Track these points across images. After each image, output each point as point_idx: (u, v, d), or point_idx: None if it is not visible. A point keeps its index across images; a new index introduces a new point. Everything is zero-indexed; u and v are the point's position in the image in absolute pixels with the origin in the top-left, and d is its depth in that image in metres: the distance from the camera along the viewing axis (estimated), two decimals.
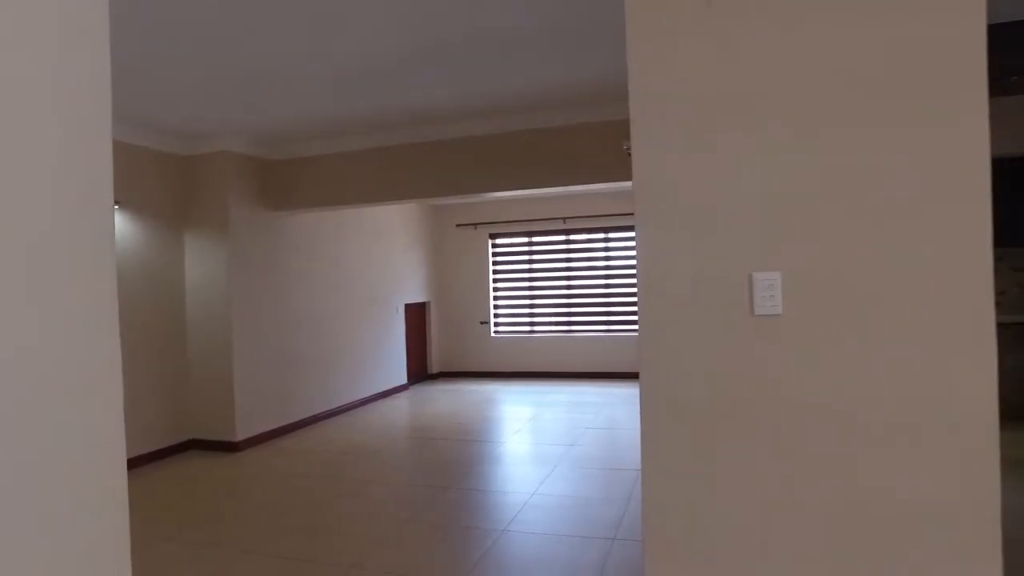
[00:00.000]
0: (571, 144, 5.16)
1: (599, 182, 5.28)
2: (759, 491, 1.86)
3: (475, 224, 9.38)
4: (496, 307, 9.50)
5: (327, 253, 6.90)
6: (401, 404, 7.54)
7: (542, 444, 5.51)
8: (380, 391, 7.78)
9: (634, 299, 8.77)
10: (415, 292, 8.92)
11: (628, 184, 5.10)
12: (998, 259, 5.84)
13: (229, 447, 5.49)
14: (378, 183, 5.75)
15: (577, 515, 3.75)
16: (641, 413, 1.96)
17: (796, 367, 1.83)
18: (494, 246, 9.46)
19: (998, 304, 5.85)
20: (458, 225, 9.49)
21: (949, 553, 1.75)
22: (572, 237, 9.04)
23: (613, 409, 6.77)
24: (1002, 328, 5.57)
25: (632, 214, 2.01)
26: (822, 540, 1.81)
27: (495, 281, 9.49)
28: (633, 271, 8.65)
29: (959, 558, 1.74)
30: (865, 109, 1.78)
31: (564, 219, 8.92)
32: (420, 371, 9.06)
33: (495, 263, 9.48)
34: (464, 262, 9.51)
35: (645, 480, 1.96)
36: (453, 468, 4.81)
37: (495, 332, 9.47)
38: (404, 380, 8.40)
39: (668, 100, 1.92)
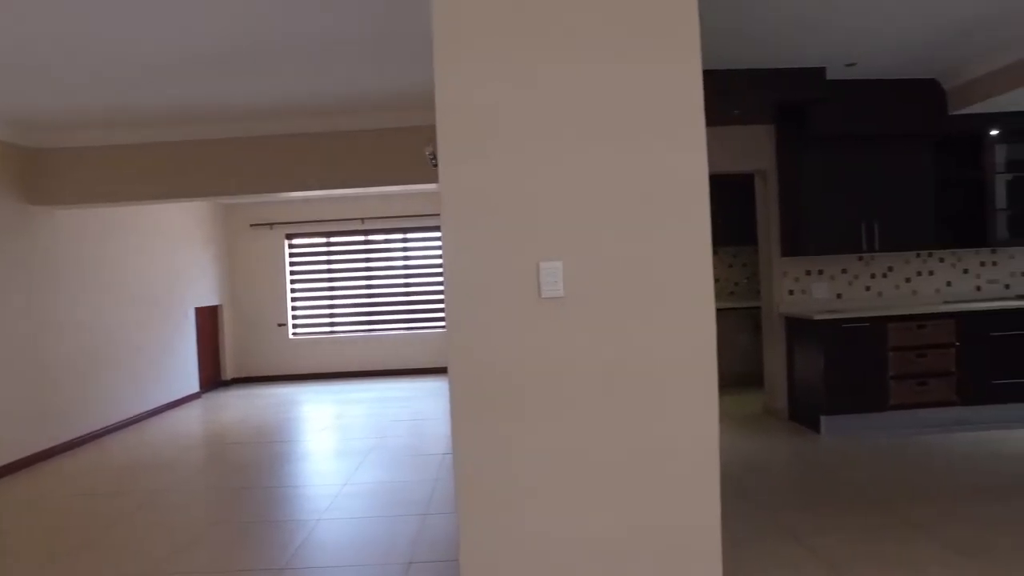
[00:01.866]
0: (372, 147, 5.34)
1: (399, 184, 5.52)
2: (551, 445, 2.25)
3: (270, 224, 9.09)
4: (294, 308, 9.29)
5: (99, 253, 6.29)
6: (194, 413, 7.13)
7: (350, 439, 5.61)
8: (169, 401, 7.26)
9: (434, 296, 9.16)
10: (206, 295, 8.42)
11: (427, 186, 5.43)
12: (733, 256, 7.01)
13: None
14: (160, 180, 5.42)
15: (390, 498, 3.97)
16: (450, 387, 2.26)
17: (574, 338, 2.25)
18: (291, 246, 9.25)
19: (732, 293, 7.05)
20: (252, 225, 9.12)
21: (679, 479, 2.28)
22: (371, 237, 9.15)
23: (419, 403, 7.05)
24: (737, 311, 6.82)
25: (431, 215, 2.30)
26: (601, 479, 2.25)
27: (293, 282, 9.28)
28: (433, 270, 9.07)
29: (686, 485, 2.28)
30: (620, 129, 2.25)
31: (363, 219, 9.01)
32: (213, 378, 8.57)
33: (292, 264, 9.27)
34: (259, 263, 9.17)
35: (456, 444, 2.26)
36: (259, 469, 4.75)
37: (294, 334, 9.26)
38: (196, 388, 7.91)
39: (471, 114, 2.23)
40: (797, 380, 5.20)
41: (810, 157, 5.01)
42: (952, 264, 5.54)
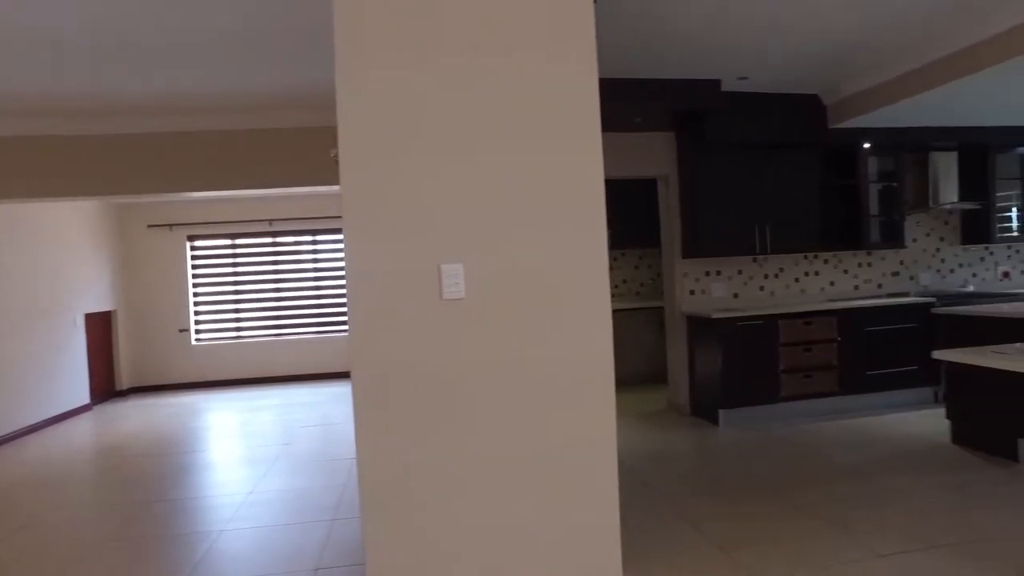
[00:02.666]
0: (280, 147, 5.21)
1: (308, 185, 5.41)
2: (453, 445, 2.29)
3: (170, 225, 8.67)
4: (197, 313, 8.89)
5: None
6: (83, 426, 6.70)
7: (255, 447, 5.45)
8: (54, 415, 6.79)
9: (345, 300, 8.95)
10: (98, 300, 7.93)
11: (336, 188, 5.34)
12: (640, 258, 7.25)
13: None
14: (46, 177, 5.09)
15: (296, 505, 3.89)
16: (353, 391, 2.26)
17: (476, 339, 2.30)
18: (193, 248, 8.85)
19: (638, 294, 7.28)
20: (150, 226, 8.67)
21: (579, 472, 2.37)
22: (280, 239, 8.90)
23: (327, 408, 6.92)
24: (643, 311, 7.09)
25: (341, 217, 2.30)
26: (504, 476, 2.31)
27: (195, 286, 8.88)
28: (343, 272, 8.89)
29: (586, 477, 2.38)
30: (520, 133, 2.32)
31: (270, 221, 8.75)
32: (106, 388, 8.08)
33: (195, 266, 8.87)
34: (158, 266, 8.72)
35: (359, 447, 2.26)
36: (157, 481, 4.54)
37: (196, 340, 8.86)
38: (86, 399, 7.44)
39: (372, 116, 2.25)
40: (698, 376, 5.47)
41: (707, 164, 5.29)
42: (834, 265, 5.99)
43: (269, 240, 8.87)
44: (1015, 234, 6.18)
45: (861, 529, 3.07)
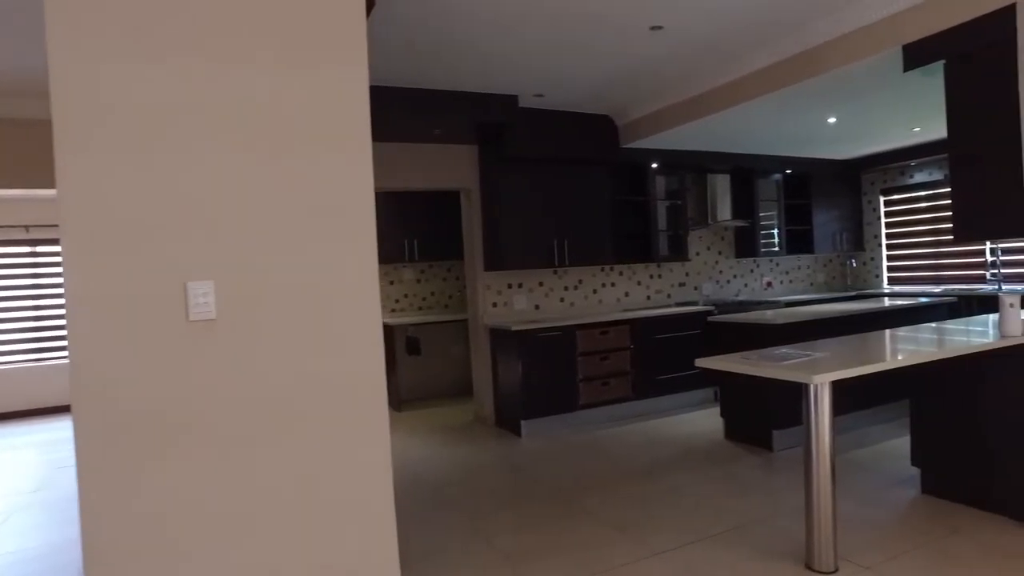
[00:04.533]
0: (36, 141, 4.45)
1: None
2: (205, 489, 2.01)
3: None
4: None
5: None
6: None
7: None
8: None
9: None
10: None
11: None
12: (447, 270, 7.13)
13: None
14: None
15: (35, 568, 3.29)
16: (75, 434, 1.91)
17: (229, 363, 2.05)
18: None
19: (446, 306, 7.15)
20: None
21: (351, 503, 2.21)
22: (40, 249, 7.72)
23: None
24: (451, 324, 7.05)
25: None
26: (267, 517, 2.07)
27: None
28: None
29: (360, 507, 2.22)
30: (279, 138, 2.12)
31: (27, 227, 7.56)
32: None
33: None
34: None
35: (83, 503, 1.90)
36: None
37: None
38: None
39: (97, 115, 1.92)
40: (501, 388, 5.52)
41: (507, 178, 5.38)
42: (628, 277, 6.37)
43: (27, 250, 7.65)
44: (776, 249, 7.00)
45: (641, 529, 3.21)
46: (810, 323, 4.47)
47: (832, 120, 5.16)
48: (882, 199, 7.51)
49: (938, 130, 5.84)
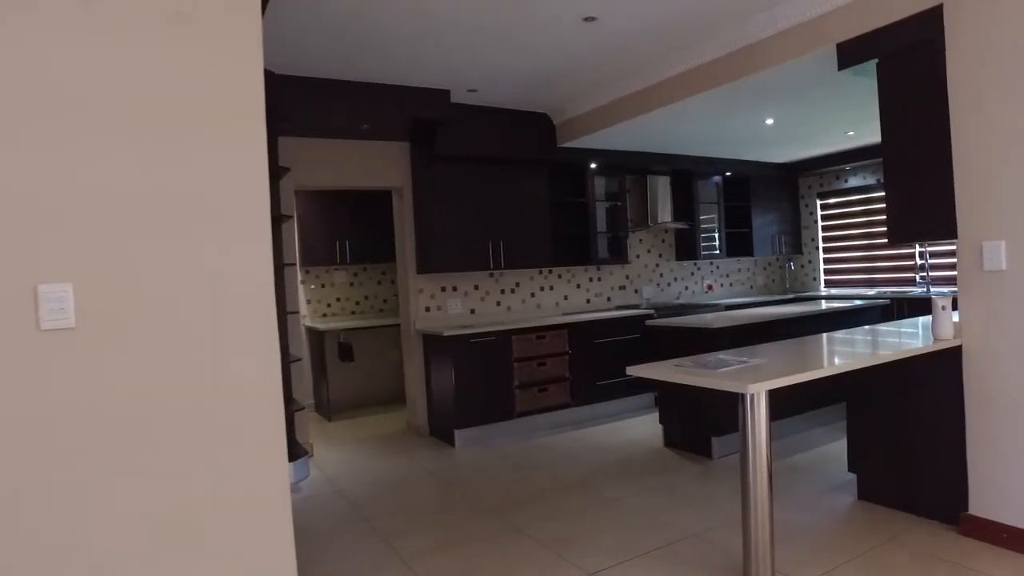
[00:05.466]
0: None
1: None
2: (57, 528, 1.73)
3: None
4: None
5: None
6: None
7: None
8: None
9: None
10: None
11: None
12: (382, 273, 6.82)
13: None
14: None
15: None
16: None
17: (92, 378, 1.77)
18: None
19: (381, 311, 6.78)
20: None
21: (240, 531, 1.95)
22: None
23: None
24: (386, 329, 6.78)
25: None
26: (122, 548, 1.79)
27: None
28: None
29: (250, 536, 1.96)
30: (156, 122, 1.85)
31: None
32: None
33: None
34: None
35: None
36: None
37: None
38: None
39: None
40: (434, 396, 5.28)
41: (441, 176, 5.15)
42: (567, 280, 6.22)
43: None
44: (716, 252, 6.98)
45: (574, 548, 3.03)
46: (748, 327, 4.40)
47: (770, 121, 5.12)
48: (819, 202, 7.60)
49: (871, 135, 5.90)
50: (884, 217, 3.25)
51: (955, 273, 2.94)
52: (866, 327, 4.06)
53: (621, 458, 4.46)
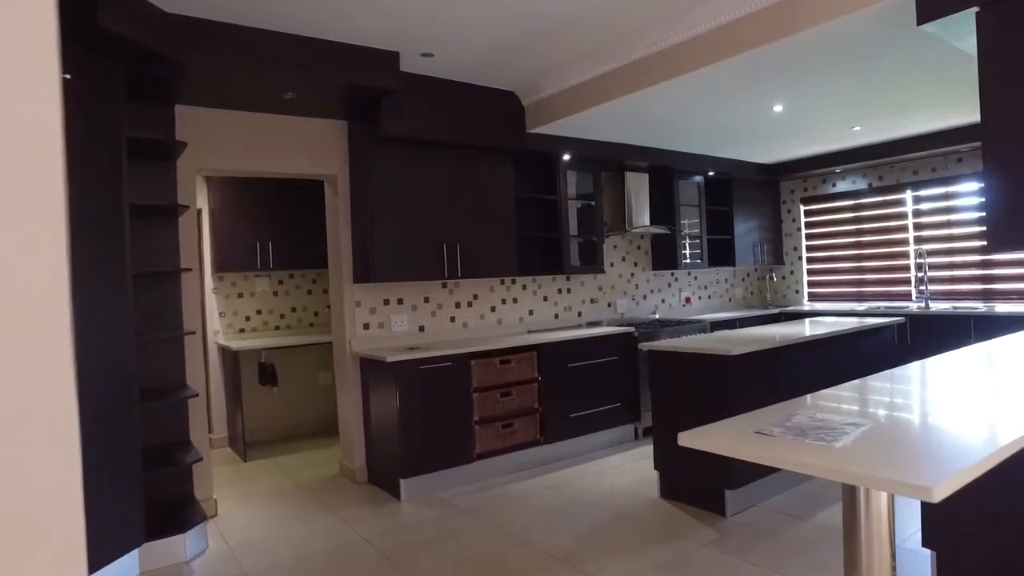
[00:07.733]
0: None
1: None
2: None
3: None
4: None
5: None
6: None
7: None
8: None
9: None
10: None
11: None
12: (313, 281, 5.61)
13: None
14: None
15: None
16: None
17: None
18: None
19: (312, 325, 5.54)
20: None
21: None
22: None
23: None
24: (317, 348, 5.72)
25: None
26: None
27: None
28: None
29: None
30: None
31: None
32: None
33: None
34: None
35: None
36: None
37: None
38: None
39: None
40: (375, 436, 4.27)
41: (385, 163, 4.17)
42: (533, 292, 5.32)
43: None
44: (699, 261, 6.21)
45: None
46: (767, 352, 3.59)
47: (778, 108, 4.36)
48: (802, 208, 6.95)
49: (876, 133, 5.25)
50: (881, 225, 2.44)
51: (972, 287, 2.16)
52: (978, 350, 3.28)
53: (611, 516, 3.57)
